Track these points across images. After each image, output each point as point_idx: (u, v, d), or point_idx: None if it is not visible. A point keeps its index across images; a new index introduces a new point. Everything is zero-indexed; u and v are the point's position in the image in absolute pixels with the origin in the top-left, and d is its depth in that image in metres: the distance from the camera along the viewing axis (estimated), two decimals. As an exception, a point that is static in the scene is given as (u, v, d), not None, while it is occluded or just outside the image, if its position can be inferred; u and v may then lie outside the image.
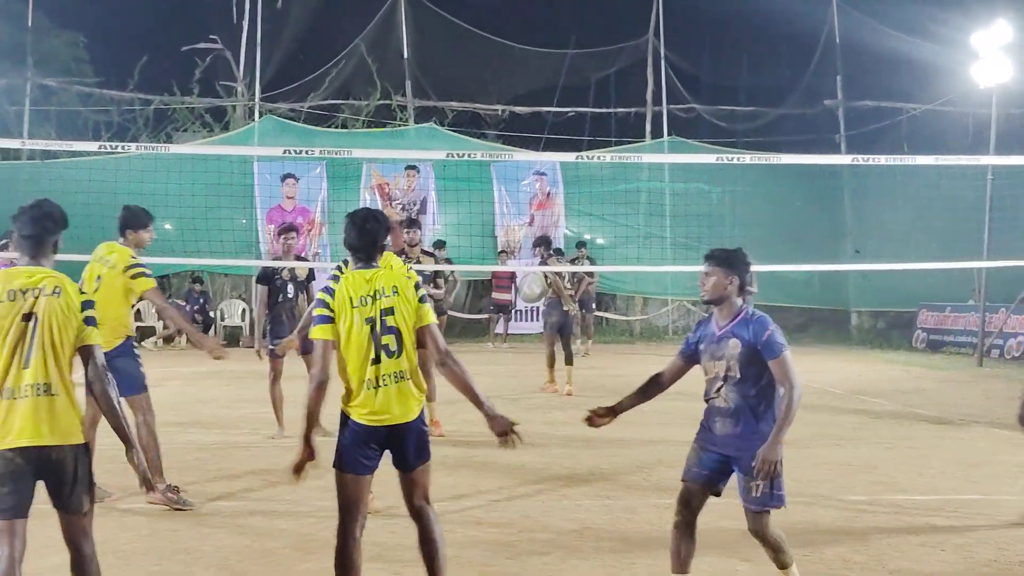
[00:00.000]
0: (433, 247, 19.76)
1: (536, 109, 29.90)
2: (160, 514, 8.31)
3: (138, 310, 22.56)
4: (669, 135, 28.48)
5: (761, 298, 23.95)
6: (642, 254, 26.03)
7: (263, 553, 7.43)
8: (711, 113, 29.81)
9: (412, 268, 9.17)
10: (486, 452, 10.48)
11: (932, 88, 28.48)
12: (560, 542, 7.73)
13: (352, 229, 5.98)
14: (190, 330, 9.55)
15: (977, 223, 21.77)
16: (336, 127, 28.24)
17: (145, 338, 23.88)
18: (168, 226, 23.72)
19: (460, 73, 29.73)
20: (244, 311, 26.39)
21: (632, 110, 29.91)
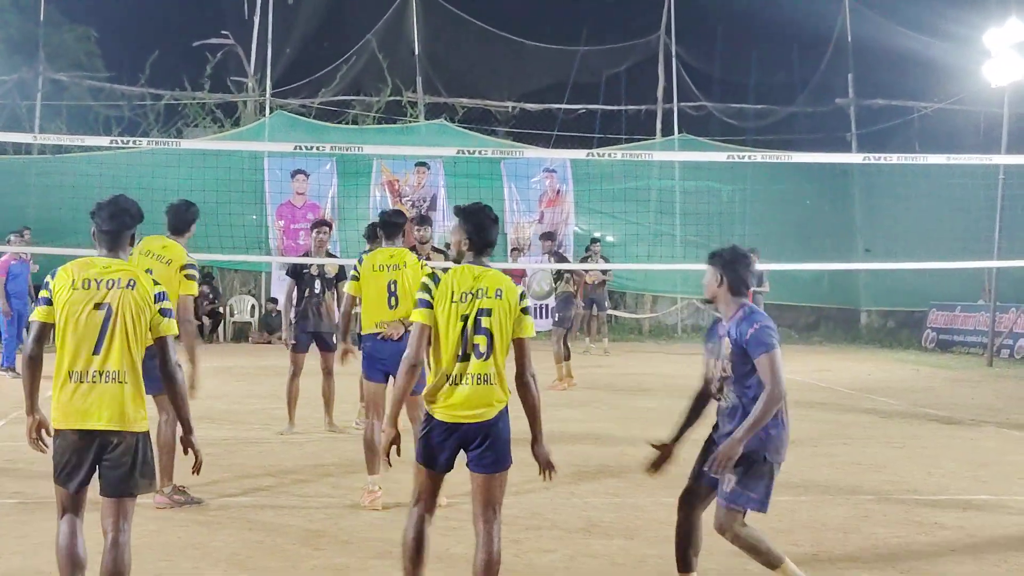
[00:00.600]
0: (446, 246, 19.75)
1: (547, 106, 29.88)
2: (169, 510, 8.32)
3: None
4: (680, 133, 28.46)
5: (771, 297, 23.99)
6: (652, 252, 25.99)
7: (272, 548, 7.43)
8: (722, 111, 29.78)
9: (427, 265, 9.23)
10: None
11: (944, 86, 28.44)
12: (568, 539, 7.73)
13: (472, 223, 6.06)
14: (196, 356, 9.08)
15: (988, 223, 21.73)
16: (347, 123, 28.29)
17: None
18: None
19: (471, 69, 29.75)
20: (253, 307, 26.44)
21: (643, 107, 29.88)
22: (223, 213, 21.47)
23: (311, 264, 12.45)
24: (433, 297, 5.79)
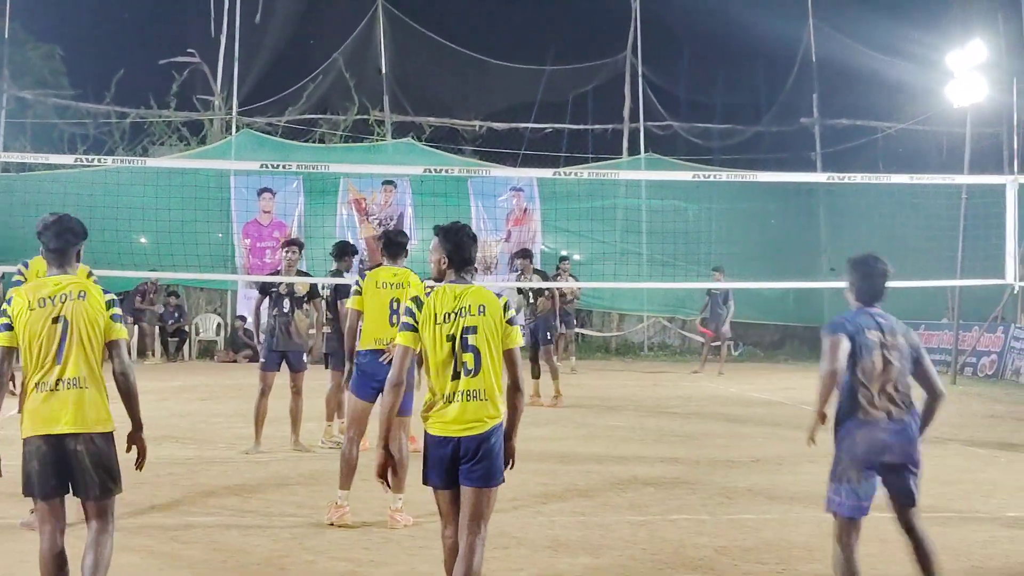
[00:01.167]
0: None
1: (514, 125, 29.93)
2: (133, 529, 8.25)
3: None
4: (646, 152, 28.54)
5: (737, 315, 24.15)
6: (618, 270, 26.04)
7: (237, 568, 7.39)
8: (688, 130, 29.90)
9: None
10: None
11: (907, 107, 28.70)
12: (534, 558, 7.72)
13: (451, 242, 6.03)
14: None
15: (951, 242, 21.88)
16: (313, 141, 28.22)
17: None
18: (143, 240, 23.65)
19: (438, 88, 29.78)
20: (219, 325, 26.32)
21: (609, 127, 29.96)
22: (189, 231, 21.41)
23: (280, 283, 12.41)
24: (417, 321, 5.88)
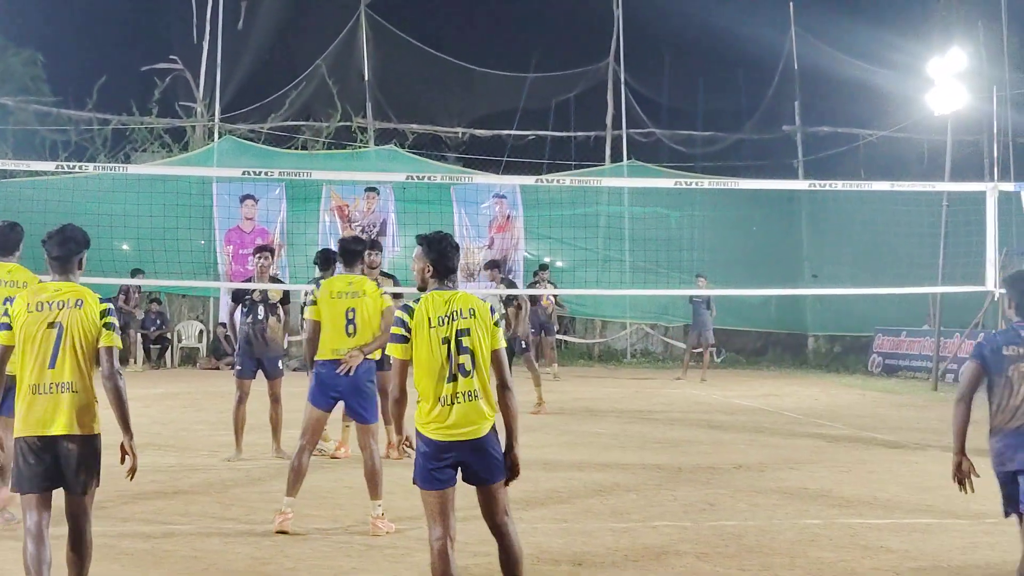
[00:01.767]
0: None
1: (496, 132, 29.94)
2: (116, 535, 8.23)
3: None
4: (628, 159, 28.60)
5: (719, 322, 24.20)
6: (601, 277, 26.07)
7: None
8: (670, 137, 29.98)
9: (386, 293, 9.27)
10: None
11: (888, 115, 28.83)
12: (517, 565, 7.72)
13: (435, 250, 6.17)
14: None
15: (932, 249, 22.00)
16: (296, 148, 28.18)
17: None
18: (126, 247, 23.58)
19: (421, 95, 29.79)
20: (201, 332, 26.25)
21: (592, 134, 30.03)
22: (171, 238, 21.35)
23: (254, 290, 12.38)
24: (410, 329, 6.00)
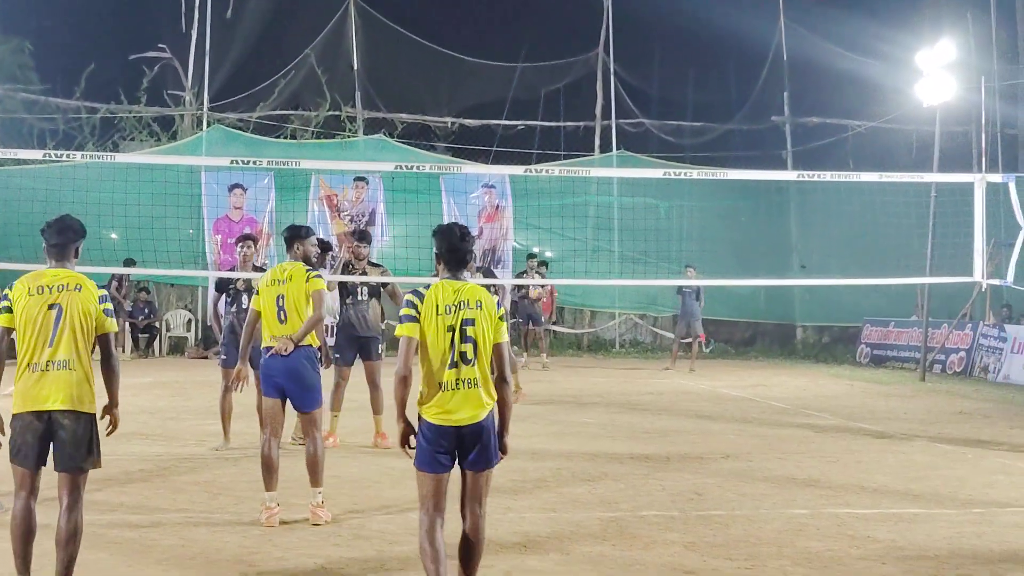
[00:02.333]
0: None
1: (486, 122, 29.93)
2: (104, 524, 8.22)
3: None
4: (618, 149, 28.62)
5: (708, 312, 24.24)
6: (590, 267, 26.10)
7: (207, 566, 7.36)
8: (660, 128, 29.99)
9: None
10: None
11: (877, 106, 28.89)
12: (504, 555, 7.72)
13: (446, 242, 6.43)
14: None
15: (920, 240, 22.07)
16: (285, 138, 28.11)
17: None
18: (114, 235, 23.51)
19: (410, 85, 29.73)
20: (190, 321, 26.22)
21: (581, 124, 30.03)
22: (159, 227, 21.29)
23: (236, 279, 12.32)
24: (419, 312, 6.19)
